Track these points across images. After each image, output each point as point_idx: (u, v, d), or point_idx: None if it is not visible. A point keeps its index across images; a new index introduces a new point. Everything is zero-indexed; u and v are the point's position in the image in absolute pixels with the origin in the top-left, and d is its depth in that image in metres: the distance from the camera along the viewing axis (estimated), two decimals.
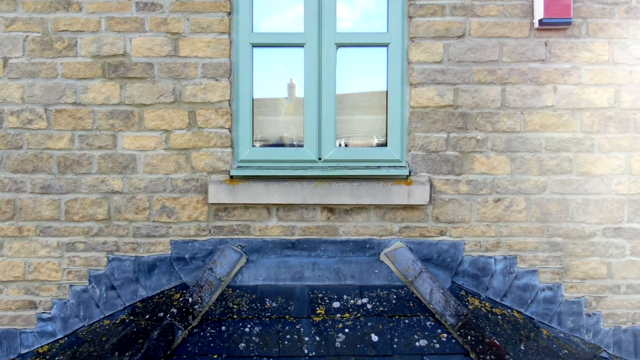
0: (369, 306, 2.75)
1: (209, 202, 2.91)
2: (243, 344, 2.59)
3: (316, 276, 2.89)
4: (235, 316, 2.71)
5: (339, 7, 2.98)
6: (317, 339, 2.61)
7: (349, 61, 3.03)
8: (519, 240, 2.97)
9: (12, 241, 2.95)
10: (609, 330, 2.99)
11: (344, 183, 2.91)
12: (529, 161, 2.94)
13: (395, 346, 2.58)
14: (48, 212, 2.93)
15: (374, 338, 2.61)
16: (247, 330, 2.65)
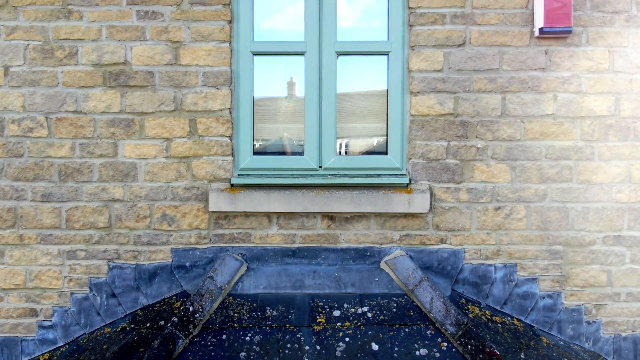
0: (369, 315, 2.76)
1: (209, 210, 2.91)
2: (244, 353, 2.59)
3: (317, 284, 2.90)
4: (236, 325, 2.71)
5: (339, 7, 2.98)
6: (318, 348, 2.62)
7: (349, 69, 3.03)
8: (519, 248, 2.97)
9: (13, 249, 2.96)
10: (609, 338, 2.99)
11: (344, 191, 2.91)
12: (529, 169, 2.94)
13: (395, 355, 2.58)
14: (49, 220, 2.94)
15: (375, 347, 2.62)
16: (247, 339, 2.65)
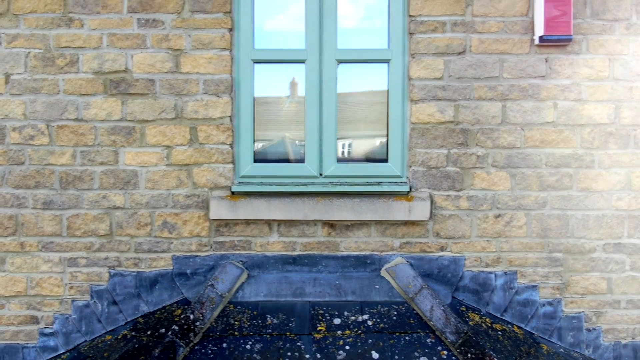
0: (369, 323, 2.76)
1: (210, 217, 2.92)
2: None
3: (317, 292, 2.90)
4: (236, 333, 2.72)
5: (339, 17, 2.98)
6: (318, 356, 2.62)
7: (349, 76, 3.04)
8: (519, 255, 2.98)
9: (14, 256, 2.96)
10: (609, 345, 3.00)
11: (345, 199, 2.92)
12: (529, 177, 2.95)
13: None
14: (50, 228, 2.95)
15: (375, 355, 2.62)
16: (248, 347, 2.66)
